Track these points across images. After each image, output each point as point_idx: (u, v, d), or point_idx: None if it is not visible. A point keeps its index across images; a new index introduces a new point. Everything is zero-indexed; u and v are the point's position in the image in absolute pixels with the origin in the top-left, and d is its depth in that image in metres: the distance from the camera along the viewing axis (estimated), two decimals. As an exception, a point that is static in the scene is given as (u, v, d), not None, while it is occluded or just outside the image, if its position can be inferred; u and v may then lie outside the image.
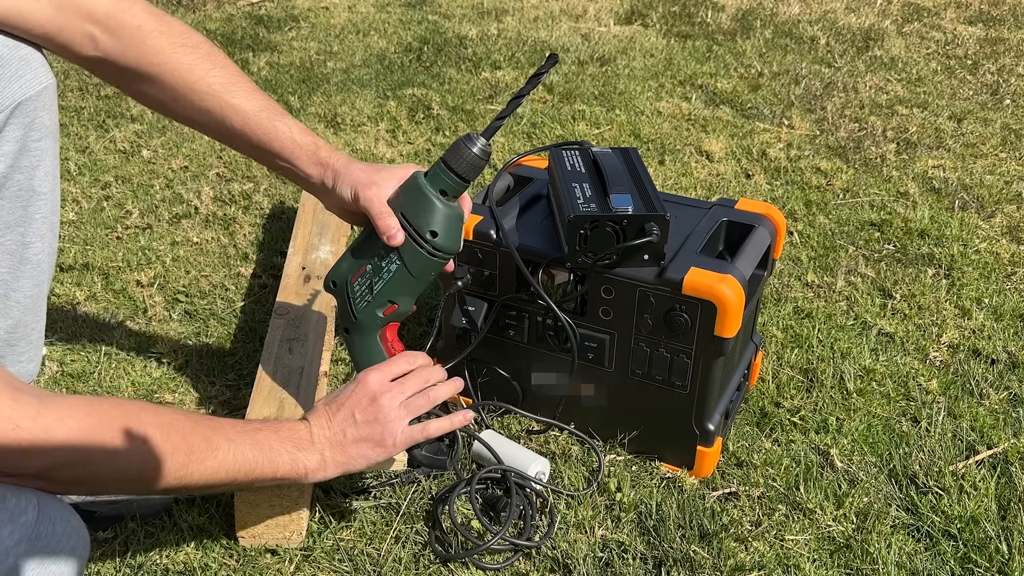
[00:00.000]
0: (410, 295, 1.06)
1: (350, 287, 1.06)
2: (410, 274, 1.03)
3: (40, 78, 0.92)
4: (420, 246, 1.02)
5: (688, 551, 1.12)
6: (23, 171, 0.93)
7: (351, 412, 1.00)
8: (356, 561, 1.11)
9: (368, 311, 1.06)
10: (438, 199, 1.01)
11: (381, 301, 1.05)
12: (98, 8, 0.96)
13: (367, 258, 1.05)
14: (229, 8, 3.42)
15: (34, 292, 0.99)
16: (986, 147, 2.36)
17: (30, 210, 0.95)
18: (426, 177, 1.02)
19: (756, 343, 1.38)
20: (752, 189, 2.11)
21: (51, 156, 0.96)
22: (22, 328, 1.00)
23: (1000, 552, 1.13)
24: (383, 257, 1.03)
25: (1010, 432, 1.35)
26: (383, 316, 1.06)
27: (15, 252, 0.96)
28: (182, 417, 0.88)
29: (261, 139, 1.04)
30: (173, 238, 1.85)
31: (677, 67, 2.90)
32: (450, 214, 1.02)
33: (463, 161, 1.01)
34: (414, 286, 1.05)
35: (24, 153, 0.92)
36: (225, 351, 1.50)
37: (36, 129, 0.93)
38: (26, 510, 0.73)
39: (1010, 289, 1.73)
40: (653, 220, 1.13)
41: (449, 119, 2.46)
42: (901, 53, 3.09)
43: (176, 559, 1.10)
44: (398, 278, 1.04)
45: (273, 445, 0.94)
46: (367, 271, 1.05)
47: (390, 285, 1.04)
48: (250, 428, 0.95)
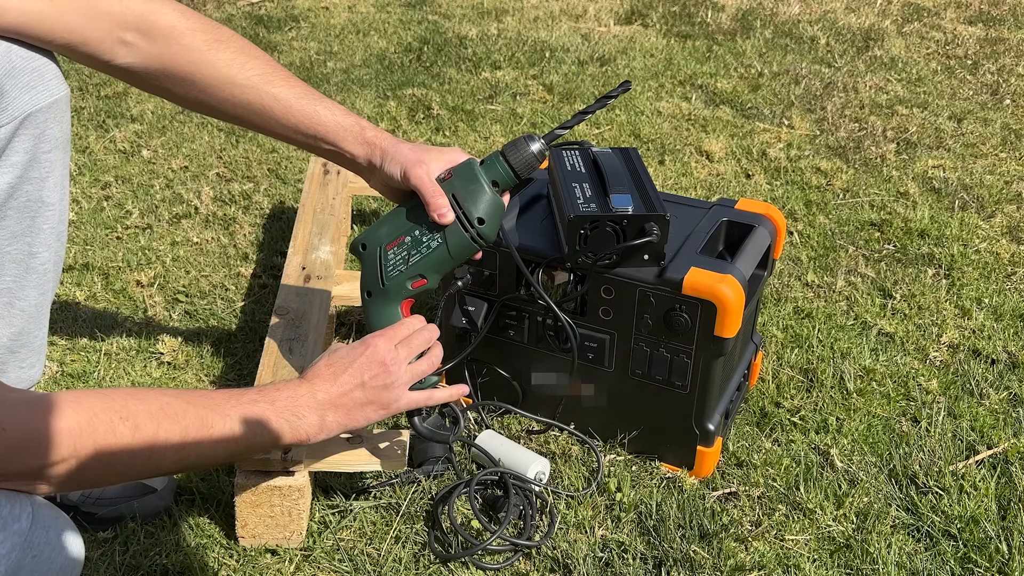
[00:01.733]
0: (440, 273, 1.08)
1: (384, 253, 1.08)
2: (449, 254, 1.06)
3: (52, 90, 0.91)
4: (466, 229, 1.04)
5: (688, 551, 1.12)
6: (32, 182, 0.93)
7: (359, 375, 1.01)
8: (356, 561, 1.11)
9: (399, 280, 1.08)
10: (490, 188, 1.04)
11: (413, 273, 1.07)
12: (129, 12, 0.95)
13: (407, 230, 1.07)
14: (229, 8, 3.42)
15: (39, 301, 0.99)
16: (986, 147, 2.36)
17: (38, 220, 0.95)
18: (482, 165, 1.05)
19: (756, 343, 1.38)
20: (752, 189, 2.11)
21: (61, 167, 0.96)
22: (25, 335, 0.99)
23: (1000, 552, 1.13)
24: (425, 233, 1.06)
25: (1010, 432, 1.35)
26: (411, 288, 1.08)
27: (22, 262, 0.95)
28: (173, 399, 0.86)
29: (305, 125, 1.05)
30: (173, 238, 1.85)
31: (677, 67, 2.90)
32: (498, 204, 1.05)
33: (521, 158, 1.04)
34: (447, 265, 1.07)
35: (34, 164, 0.92)
36: (225, 351, 1.50)
37: (46, 141, 0.92)
38: (19, 517, 0.72)
39: (1010, 289, 1.73)
40: (653, 220, 1.13)
41: (449, 119, 2.46)
42: (901, 53, 3.09)
43: (176, 559, 1.10)
44: (436, 255, 1.06)
45: (271, 416, 0.94)
46: (405, 242, 1.06)
47: (427, 260, 1.06)
48: (246, 399, 0.94)
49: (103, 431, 0.77)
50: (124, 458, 0.80)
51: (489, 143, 2.31)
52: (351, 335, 1.55)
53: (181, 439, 0.84)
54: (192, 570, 1.08)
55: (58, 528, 0.76)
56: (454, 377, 1.36)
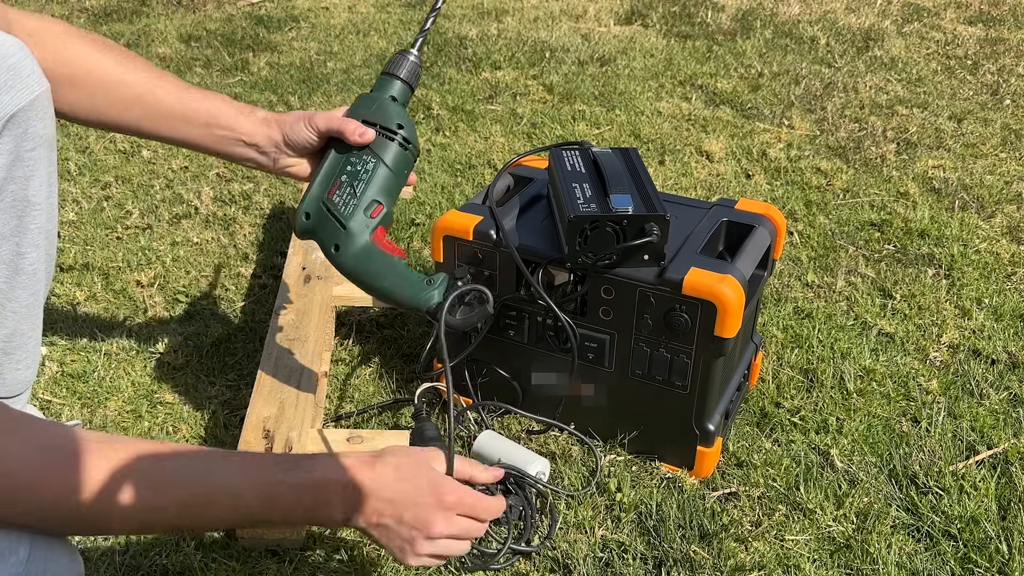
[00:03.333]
0: (390, 194, 1.06)
1: (330, 203, 1.05)
2: (388, 168, 1.05)
3: (31, 87, 0.89)
4: (391, 139, 1.05)
5: (688, 551, 1.12)
6: (16, 181, 0.91)
7: (406, 516, 0.86)
8: (356, 561, 1.11)
9: (357, 215, 1.04)
10: (392, 102, 1.07)
11: (367, 202, 1.05)
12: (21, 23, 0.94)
13: (338, 171, 1.06)
14: (229, 8, 3.42)
15: (30, 301, 0.98)
16: (986, 147, 2.36)
17: (24, 220, 0.94)
18: (372, 92, 1.08)
19: (756, 343, 1.38)
20: (752, 189, 2.11)
21: (46, 164, 0.94)
22: (19, 337, 0.99)
23: (1000, 552, 1.13)
24: (357, 163, 1.05)
25: (1010, 432, 1.35)
26: (371, 218, 1.05)
27: (10, 262, 0.94)
28: (184, 470, 0.76)
29: (198, 112, 1.03)
30: (173, 238, 1.85)
31: (677, 67, 2.90)
32: (406, 115, 1.07)
33: (406, 68, 1.07)
34: (393, 183, 1.06)
35: (17, 164, 0.90)
36: (225, 351, 1.50)
37: (29, 139, 0.90)
38: (16, 549, 0.69)
39: (1010, 289, 1.73)
40: (653, 220, 1.13)
41: (449, 119, 2.46)
42: (901, 53, 3.09)
43: (176, 559, 1.10)
44: (379, 175, 1.05)
45: (292, 510, 0.82)
46: (343, 181, 1.05)
47: (372, 183, 1.05)
48: (271, 484, 0.80)
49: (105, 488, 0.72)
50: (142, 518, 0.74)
51: (489, 143, 2.31)
52: (351, 335, 1.55)
53: (178, 508, 0.77)
54: (192, 570, 1.08)
55: (57, 557, 0.73)
56: (455, 377, 1.36)
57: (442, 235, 1.28)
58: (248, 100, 2.55)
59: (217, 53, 2.92)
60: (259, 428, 1.18)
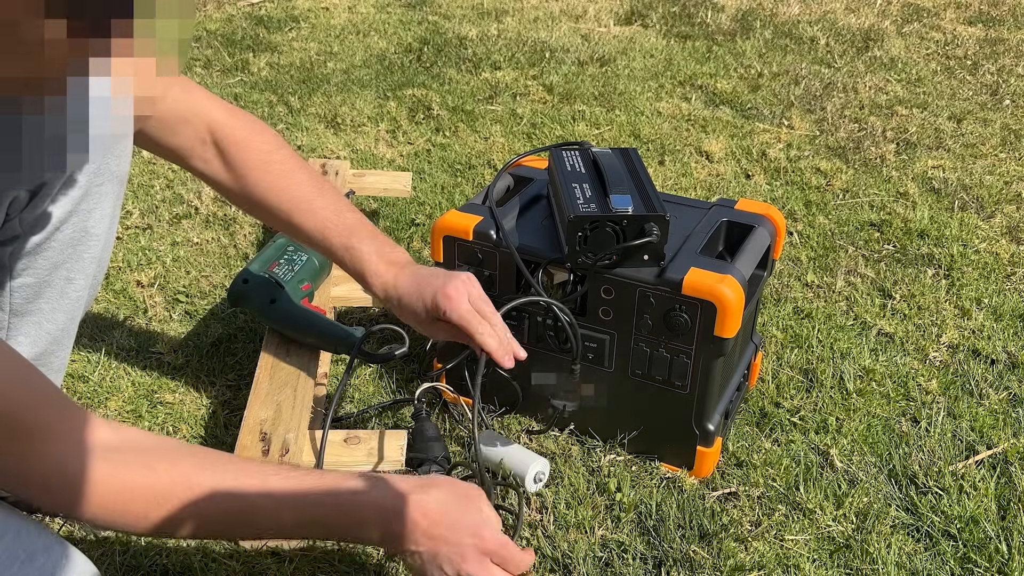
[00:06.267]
0: (317, 279, 1.46)
1: (271, 273, 1.38)
2: (316, 264, 1.45)
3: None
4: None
5: (688, 551, 1.12)
6: (80, 214, 0.92)
7: (437, 549, 0.90)
8: (356, 561, 1.11)
9: (292, 282, 1.38)
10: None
11: (299, 280, 1.40)
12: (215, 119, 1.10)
13: (277, 257, 1.42)
14: (229, 8, 3.42)
15: (66, 324, 0.98)
16: (986, 147, 2.36)
17: (79, 249, 0.94)
18: None
19: (756, 343, 1.38)
20: (752, 189, 2.11)
21: (112, 199, 0.95)
22: (47, 356, 0.98)
23: (1000, 552, 1.13)
24: (292, 253, 1.44)
25: (1010, 432, 1.35)
26: (302, 290, 1.39)
27: (59, 288, 0.94)
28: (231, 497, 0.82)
29: (340, 234, 1.15)
30: (173, 238, 1.85)
31: (677, 67, 2.91)
32: None
33: None
34: (319, 272, 1.46)
35: (86, 197, 0.91)
36: (225, 351, 1.50)
37: (101, 174, 0.92)
38: (38, 554, 0.72)
39: (1010, 289, 1.73)
40: (653, 220, 1.13)
41: (449, 119, 2.46)
42: (901, 53, 3.09)
43: (176, 559, 1.10)
44: (308, 266, 1.43)
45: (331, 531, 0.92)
46: (281, 262, 1.41)
47: (303, 271, 1.42)
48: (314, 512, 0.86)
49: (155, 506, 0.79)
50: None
51: (489, 143, 2.31)
52: (351, 335, 1.55)
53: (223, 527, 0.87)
54: (192, 570, 1.09)
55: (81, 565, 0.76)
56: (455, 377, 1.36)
57: (442, 235, 1.28)
58: (248, 100, 2.55)
59: (217, 53, 2.92)
60: (256, 431, 1.18)
